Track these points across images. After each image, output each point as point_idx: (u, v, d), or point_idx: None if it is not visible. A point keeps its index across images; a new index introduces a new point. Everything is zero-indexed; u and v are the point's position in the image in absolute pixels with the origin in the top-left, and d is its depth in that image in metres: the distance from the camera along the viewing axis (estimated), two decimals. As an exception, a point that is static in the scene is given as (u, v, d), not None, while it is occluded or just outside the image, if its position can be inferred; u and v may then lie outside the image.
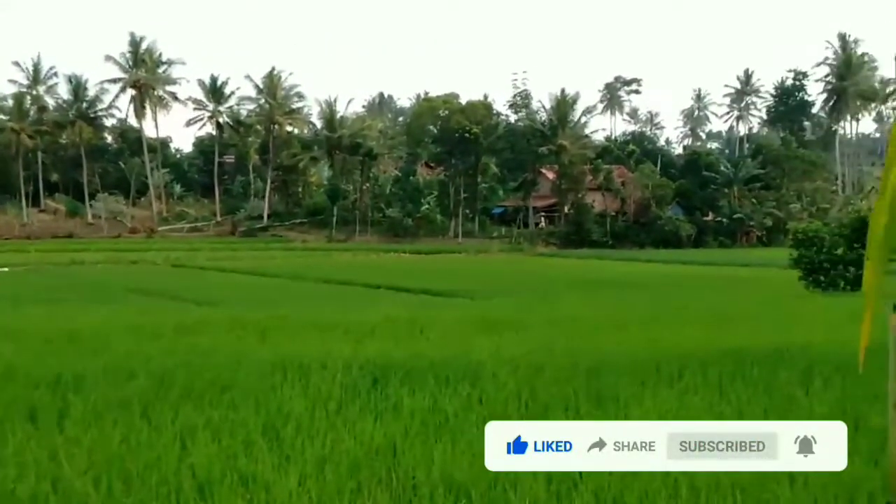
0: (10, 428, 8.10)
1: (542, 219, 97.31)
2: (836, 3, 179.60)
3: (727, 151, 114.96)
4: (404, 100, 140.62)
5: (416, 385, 10.04)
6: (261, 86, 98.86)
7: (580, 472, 6.71)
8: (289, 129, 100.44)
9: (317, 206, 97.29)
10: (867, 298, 1.41)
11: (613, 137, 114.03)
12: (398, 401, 9.24)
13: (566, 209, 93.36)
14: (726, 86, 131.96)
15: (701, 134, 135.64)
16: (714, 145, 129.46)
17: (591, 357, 12.01)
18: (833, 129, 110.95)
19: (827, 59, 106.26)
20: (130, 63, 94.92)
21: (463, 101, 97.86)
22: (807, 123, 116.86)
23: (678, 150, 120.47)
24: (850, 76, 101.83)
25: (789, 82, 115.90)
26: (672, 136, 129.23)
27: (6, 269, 52.48)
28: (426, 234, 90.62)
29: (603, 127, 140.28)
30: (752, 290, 32.85)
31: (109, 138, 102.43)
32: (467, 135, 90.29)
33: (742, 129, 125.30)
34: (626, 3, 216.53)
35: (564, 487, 6.38)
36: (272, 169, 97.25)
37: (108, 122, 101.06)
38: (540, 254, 78.80)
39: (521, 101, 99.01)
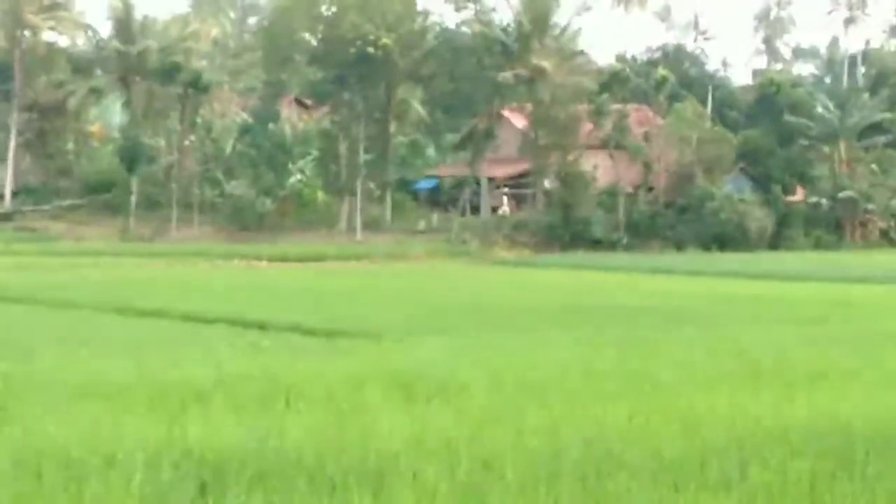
0: None
1: (506, 199, 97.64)
2: None
3: (828, 81, 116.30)
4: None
5: (274, 496, 10.02)
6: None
7: None
8: (49, 37, 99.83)
9: (101, 176, 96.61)
10: None
11: (630, 56, 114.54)
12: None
13: (547, 182, 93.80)
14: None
15: (783, 50, 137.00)
16: (807, 70, 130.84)
17: (585, 444, 12.08)
18: None
19: None
20: None
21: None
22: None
23: (744, 78, 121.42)
24: None
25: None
26: (733, 53, 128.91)
27: None
28: (300, 227, 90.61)
29: (611, 35, 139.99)
30: (870, 321, 33.30)
31: None
32: (371, 49, 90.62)
33: (854, 44, 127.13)
34: None
35: None
36: (20, 109, 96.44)
37: None
38: (501, 261, 79.10)
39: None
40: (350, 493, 10.03)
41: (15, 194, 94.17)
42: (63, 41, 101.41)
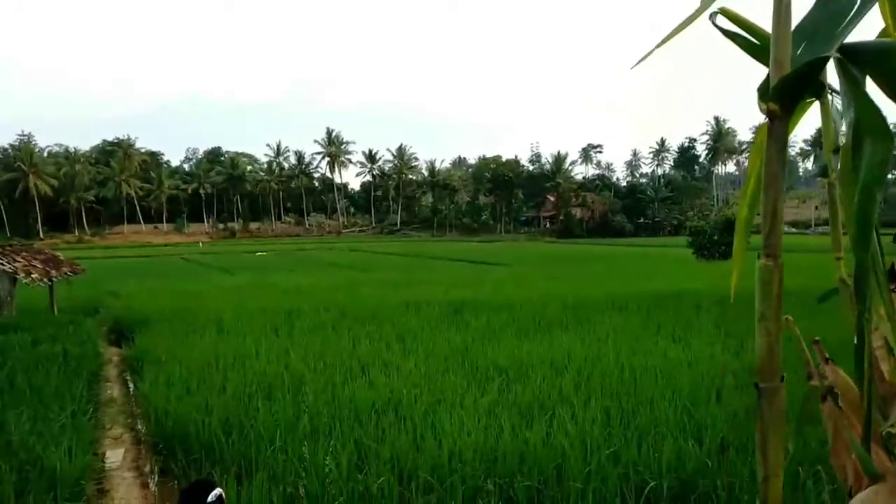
0: (265, 337, 8.32)
1: (548, 223, 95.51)
2: (714, 98, 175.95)
3: (651, 183, 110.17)
4: (472, 159, 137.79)
5: (478, 313, 9.95)
6: (394, 153, 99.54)
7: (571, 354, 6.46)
8: (410, 177, 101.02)
9: (426, 218, 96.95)
10: (735, 259, 1.27)
11: (587, 177, 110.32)
12: (469, 321, 9.17)
13: (561, 217, 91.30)
14: (650, 147, 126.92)
15: (637, 175, 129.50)
16: (644, 180, 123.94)
17: (574, 297, 11.74)
18: (711, 170, 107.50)
19: (707, 130, 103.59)
20: (327, 143, 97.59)
21: (504, 159, 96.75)
22: (696, 167, 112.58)
23: (623, 183, 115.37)
24: (720, 140, 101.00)
25: (686, 144, 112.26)
26: (620, 176, 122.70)
27: (264, 253, 54.05)
28: (484, 232, 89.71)
29: (581, 172, 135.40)
30: (666, 259, 31.80)
31: (317, 184, 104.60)
32: (506, 178, 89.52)
33: (660, 171, 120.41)
34: (596, 104, 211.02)
35: (561, 366, 6.18)
36: (402, 198, 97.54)
37: (316, 175, 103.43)
38: (546, 242, 77.51)
39: (536, 158, 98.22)
40: (500, 312, 9.86)
41: (400, 223, 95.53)
42: (413, 177, 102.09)
